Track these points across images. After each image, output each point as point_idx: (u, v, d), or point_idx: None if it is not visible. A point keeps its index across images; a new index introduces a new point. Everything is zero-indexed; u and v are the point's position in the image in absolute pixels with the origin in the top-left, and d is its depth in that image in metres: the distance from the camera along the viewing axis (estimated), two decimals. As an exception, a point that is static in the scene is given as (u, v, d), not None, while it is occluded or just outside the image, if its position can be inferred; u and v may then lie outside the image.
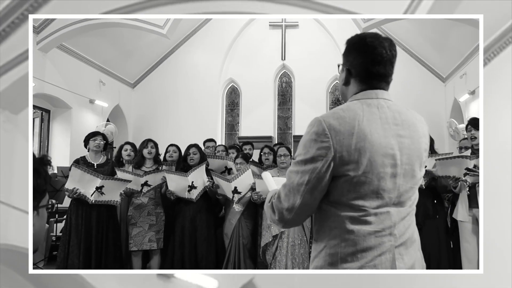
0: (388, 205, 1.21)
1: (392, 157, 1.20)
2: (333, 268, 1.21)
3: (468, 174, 3.31)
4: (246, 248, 4.00)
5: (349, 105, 1.24)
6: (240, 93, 9.05)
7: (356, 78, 1.27)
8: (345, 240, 1.19)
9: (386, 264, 1.19)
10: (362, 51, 1.25)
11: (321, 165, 1.17)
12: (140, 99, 8.81)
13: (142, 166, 4.20)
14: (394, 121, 1.23)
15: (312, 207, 1.25)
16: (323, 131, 1.17)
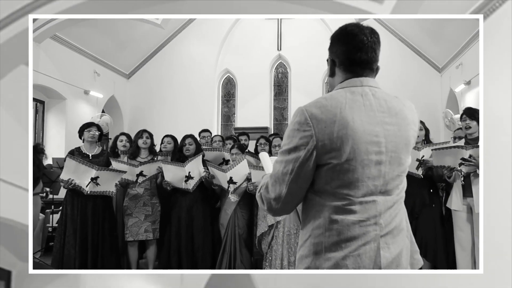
0: (374, 194, 1.21)
1: (377, 144, 1.20)
2: (318, 257, 1.21)
3: (463, 164, 3.33)
4: (242, 238, 4.02)
5: (332, 94, 1.25)
6: (236, 84, 9.01)
7: (341, 67, 1.29)
8: (329, 230, 1.20)
9: (371, 254, 1.19)
10: (344, 39, 1.27)
11: (303, 154, 1.18)
12: (135, 90, 8.76)
13: (137, 156, 4.19)
14: (380, 108, 1.23)
15: (299, 196, 1.26)
16: (305, 120, 1.18)
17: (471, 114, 3.52)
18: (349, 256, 1.18)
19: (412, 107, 1.32)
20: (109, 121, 6.82)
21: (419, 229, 3.68)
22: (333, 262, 1.19)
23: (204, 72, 8.68)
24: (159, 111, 8.59)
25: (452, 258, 3.67)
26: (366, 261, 1.18)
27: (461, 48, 6.80)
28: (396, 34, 8.03)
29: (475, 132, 3.50)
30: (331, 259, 1.19)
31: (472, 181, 3.39)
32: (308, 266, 1.23)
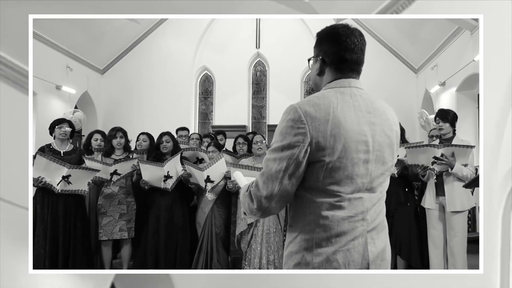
0: (361, 191, 1.25)
1: (365, 143, 1.24)
2: (308, 253, 1.24)
3: (435, 163, 3.40)
4: (219, 237, 3.99)
5: (323, 93, 1.28)
6: (213, 81, 8.94)
7: (331, 67, 1.32)
8: (319, 226, 1.23)
9: (359, 248, 1.23)
10: (335, 40, 1.30)
11: (298, 151, 1.20)
12: (109, 86, 8.54)
13: (111, 154, 4.10)
14: (367, 108, 1.27)
15: (290, 194, 1.27)
16: (299, 118, 1.20)
17: (444, 116, 3.60)
18: (339, 251, 1.22)
19: (392, 110, 1.38)
20: (82, 117, 6.63)
21: (394, 227, 3.74)
22: (324, 257, 1.22)
23: (181, 68, 8.56)
24: (134, 108, 8.41)
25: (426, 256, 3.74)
26: (355, 255, 1.23)
27: (436, 50, 6.95)
28: (373, 35, 8.13)
29: (448, 133, 3.59)
30: (322, 254, 1.22)
31: (445, 180, 3.46)
32: (299, 262, 1.25)
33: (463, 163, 3.38)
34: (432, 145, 3.43)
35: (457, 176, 3.38)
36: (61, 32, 6.79)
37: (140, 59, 8.55)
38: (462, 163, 3.37)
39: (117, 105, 8.49)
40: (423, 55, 7.51)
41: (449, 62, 6.53)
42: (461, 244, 3.42)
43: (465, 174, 3.34)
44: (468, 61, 5.80)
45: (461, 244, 3.42)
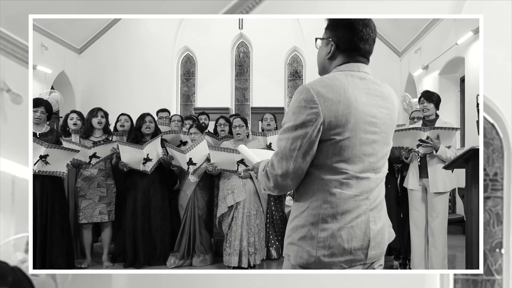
0: (369, 171, 1.32)
1: (374, 124, 1.31)
2: (314, 227, 1.29)
3: (420, 145, 3.41)
4: (201, 219, 3.97)
5: (334, 75, 1.33)
6: (196, 62, 8.77)
7: (344, 53, 1.36)
8: (327, 202, 1.29)
9: (362, 226, 1.30)
10: (352, 29, 1.35)
11: (311, 130, 1.24)
12: (87, 66, 8.28)
13: (90, 136, 3.99)
14: (375, 92, 1.34)
15: (304, 171, 1.31)
16: (311, 98, 1.24)
17: (429, 97, 3.60)
18: (343, 228, 1.28)
19: (395, 94, 1.45)
20: (59, 98, 6.39)
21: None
22: (330, 233, 1.28)
23: (162, 49, 8.35)
24: (113, 89, 8.19)
25: (407, 237, 3.79)
26: (358, 232, 1.29)
27: (420, 33, 6.96)
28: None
29: (432, 114, 3.59)
30: (327, 230, 1.28)
31: (428, 162, 3.49)
32: (305, 235, 1.30)
33: (447, 145, 3.41)
34: (418, 128, 3.44)
35: (442, 158, 3.40)
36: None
37: (119, 38, 8.29)
38: (446, 145, 3.40)
39: (95, 86, 8.25)
40: (407, 39, 7.52)
41: (432, 46, 6.56)
42: (442, 225, 3.47)
43: (449, 156, 3.37)
44: (450, 45, 5.83)
45: (442, 225, 3.47)
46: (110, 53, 8.28)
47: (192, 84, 8.88)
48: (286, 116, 1.32)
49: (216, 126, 4.48)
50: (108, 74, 8.28)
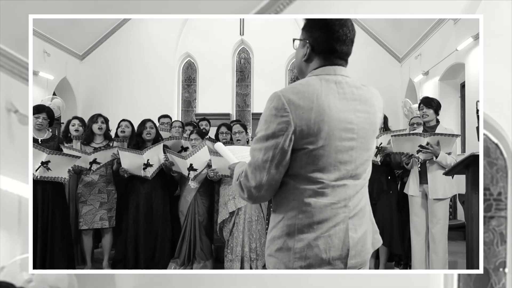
0: (345, 178, 1.26)
1: (350, 131, 1.25)
2: (290, 238, 1.25)
3: (421, 151, 3.42)
4: (202, 225, 3.96)
5: (308, 80, 1.27)
6: (197, 68, 8.80)
7: (320, 55, 1.31)
8: (302, 212, 1.24)
9: (340, 234, 1.25)
10: (328, 29, 1.28)
11: (283, 140, 1.20)
12: (89, 72, 8.30)
13: (91, 142, 4.00)
14: (352, 96, 1.27)
15: (278, 182, 1.28)
16: (282, 106, 1.19)
17: (428, 102, 3.62)
18: (320, 237, 1.23)
19: (378, 94, 1.38)
20: (61, 104, 6.43)
21: (377, 215, 3.76)
22: (306, 243, 1.23)
23: (163, 55, 8.38)
24: (115, 95, 8.21)
25: (407, 242, 3.79)
26: (336, 241, 1.24)
27: (420, 39, 6.98)
28: (358, 23, 8.11)
29: (431, 120, 3.61)
30: (303, 240, 1.24)
31: (428, 168, 3.49)
32: (281, 246, 1.27)
33: (447, 151, 3.41)
34: (418, 134, 3.45)
35: (441, 164, 3.41)
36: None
37: (121, 45, 8.33)
38: (446, 151, 3.40)
39: (97, 92, 8.27)
40: (407, 44, 7.54)
41: (433, 52, 6.58)
42: (443, 231, 3.47)
43: (449, 162, 3.37)
44: (451, 51, 5.84)
45: (443, 231, 3.47)
46: (112, 59, 8.32)
47: (193, 90, 8.91)
48: (259, 125, 1.27)
49: (218, 134, 4.49)
50: (109, 80, 8.31)
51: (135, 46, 8.33)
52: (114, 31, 8.34)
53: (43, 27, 6.84)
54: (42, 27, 6.83)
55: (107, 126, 4.11)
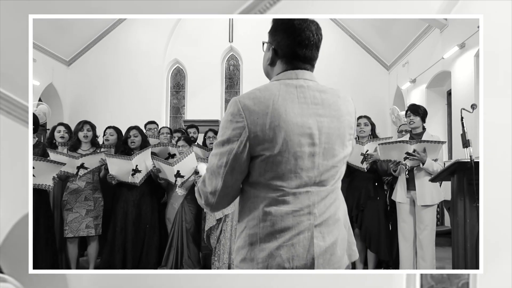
0: (308, 185, 1.22)
1: (310, 136, 1.20)
2: (253, 248, 1.22)
3: (407, 158, 3.45)
4: (189, 233, 3.93)
5: (267, 85, 1.24)
6: (185, 75, 8.78)
7: (282, 59, 1.27)
8: (263, 221, 1.21)
9: (304, 243, 1.20)
10: (290, 32, 1.25)
11: (237, 145, 1.18)
12: (76, 78, 8.23)
13: (78, 149, 3.96)
14: (314, 100, 1.23)
15: (235, 189, 1.26)
16: (237, 111, 1.18)
17: (415, 110, 3.66)
18: (283, 246, 1.19)
19: (348, 98, 1.32)
20: (46, 110, 6.35)
21: (364, 221, 3.81)
22: (268, 253, 1.20)
23: (151, 61, 8.36)
24: (102, 102, 8.15)
25: (395, 249, 3.80)
26: (300, 250, 1.20)
27: (407, 47, 7.08)
28: (346, 31, 8.20)
29: (418, 127, 3.64)
30: (265, 250, 1.20)
31: (416, 175, 3.53)
32: (244, 257, 1.23)
33: (434, 158, 3.44)
34: (405, 141, 3.48)
35: (428, 171, 3.44)
36: (23, 20, 6.47)
37: (108, 51, 8.28)
38: (433, 158, 3.44)
39: (84, 98, 8.20)
40: (395, 52, 7.64)
41: (420, 60, 6.67)
42: (430, 237, 3.49)
43: (435, 169, 3.40)
44: (437, 59, 5.94)
45: (430, 237, 3.49)
46: (100, 66, 8.26)
47: (182, 97, 8.88)
48: (218, 131, 1.26)
49: (205, 139, 4.48)
50: (97, 86, 8.25)
51: (122, 52, 8.29)
52: (102, 37, 8.30)
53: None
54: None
55: (94, 133, 4.05)
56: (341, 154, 1.28)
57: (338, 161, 1.27)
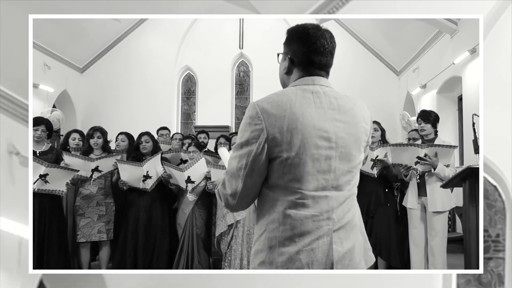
0: (327, 189, 1.24)
1: (327, 139, 1.23)
2: (272, 251, 1.23)
3: (419, 163, 3.41)
4: (200, 238, 3.94)
5: (284, 91, 1.29)
6: (196, 81, 8.85)
7: (299, 67, 1.31)
8: (283, 224, 1.23)
9: (323, 248, 1.22)
10: (305, 41, 1.29)
11: (255, 147, 1.21)
12: (89, 85, 8.36)
13: (90, 155, 3.99)
14: (330, 105, 1.26)
15: (254, 191, 1.28)
16: (256, 114, 1.22)
17: (425, 117, 3.62)
18: (302, 251, 1.21)
19: (363, 106, 1.36)
20: (60, 117, 6.47)
21: (374, 228, 3.75)
22: (287, 257, 1.21)
23: (163, 68, 8.44)
24: (114, 108, 8.25)
25: (406, 256, 3.76)
26: (319, 255, 1.21)
27: (417, 53, 7.04)
28: (356, 37, 8.19)
29: (429, 133, 3.61)
30: (285, 254, 1.21)
31: (427, 181, 3.48)
32: (263, 260, 1.24)
33: (446, 163, 3.40)
34: (416, 145, 3.45)
35: (440, 176, 3.39)
36: (38, 29, 6.60)
37: (120, 58, 8.40)
38: (445, 163, 3.39)
39: (97, 105, 8.32)
40: (405, 58, 7.60)
41: (430, 65, 6.63)
42: (442, 243, 3.45)
43: (447, 174, 3.36)
44: (448, 64, 5.90)
45: (442, 244, 3.45)
46: (112, 72, 8.38)
47: (193, 103, 8.95)
48: (238, 134, 1.29)
49: (217, 145, 4.51)
50: (109, 92, 8.36)
51: (134, 60, 8.40)
52: (114, 45, 8.43)
53: (44, 40, 6.91)
54: (43, 40, 6.90)
55: (105, 139, 4.08)
56: (357, 159, 1.30)
57: (354, 166, 1.30)
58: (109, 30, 7.98)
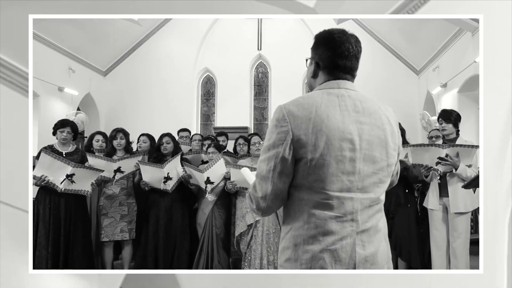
0: (352, 190, 1.26)
1: (351, 141, 1.25)
2: (297, 249, 1.26)
3: (440, 163, 3.36)
4: (219, 238, 3.99)
5: (310, 94, 1.33)
6: (215, 83, 8.94)
7: (324, 71, 1.35)
8: (307, 223, 1.26)
9: (347, 249, 1.24)
10: (331, 45, 1.33)
11: (282, 149, 1.24)
12: (112, 88, 8.55)
13: (113, 156, 4.10)
14: (355, 108, 1.29)
15: (283, 192, 1.30)
16: (282, 117, 1.26)
17: (446, 117, 3.57)
18: (326, 250, 1.23)
19: (389, 109, 1.39)
20: (84, 119, 6.64)
21: (394, 229, 3.72)
22: (311, 255, 1.24)
23: (183, 70, 8.57)
24: (136, 110, 8.42)
25: (427, 257, 3.72)
26: (343, 255, 1.24)
27: (437, 52, 6.93)
28: (375, 37, 8.13)
29: (451, 133, 3.56)
30: (309, 252, 1.25)
31: (448, 181, 3.43)
32: (289, 257, 1.28)
33: (468, 163, 3.34)
34: (437, 145, 3.40)
35: (461, 177, 3.33)
36: (63, 34, 6.81)
37: (142, 61, 8.56)
38: (466, 163, 3.33)
39: (119, 107, 8.50)
40: (425, 57, 7.50)
41: (451, 64, 6.52)
42: (464, 245, 3.39)
43: (469, 175, 3.29)
44: (469, 63, 5.79)
45: (464, 246, 3.40)
46: (133, 75, 8.55)
47: (212, 104, 9.04)
48: (265, 136, 1.33)
49: (236, 146, 4.56)
50: (131, 95, 8.52)
51: (155, 63, 8.54)
52: (135, 48, 8.60)
53: (68, 44, 7.12)
54: (67, 44, 7.10)
55: (127, 140, 4.18)
56: (383, 162, 1.32)
57: (380, 168, 1.31)
58: (130, 34, 8.14)
